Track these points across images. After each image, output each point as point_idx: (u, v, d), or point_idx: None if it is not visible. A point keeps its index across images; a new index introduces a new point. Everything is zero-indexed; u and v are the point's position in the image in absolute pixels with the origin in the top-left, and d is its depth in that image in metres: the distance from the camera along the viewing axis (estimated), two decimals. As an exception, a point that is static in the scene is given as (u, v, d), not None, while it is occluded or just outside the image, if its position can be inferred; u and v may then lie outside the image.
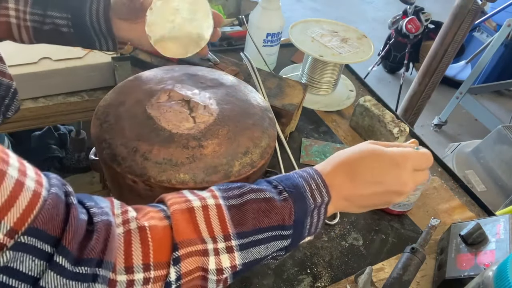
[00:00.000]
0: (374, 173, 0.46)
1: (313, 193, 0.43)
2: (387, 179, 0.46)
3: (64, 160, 1.47)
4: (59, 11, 0.58)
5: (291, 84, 0.88)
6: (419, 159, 0.49)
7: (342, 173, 0.46)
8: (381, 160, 0.46)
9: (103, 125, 0.57)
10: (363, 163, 0.46)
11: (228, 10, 1.29)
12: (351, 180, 0.45)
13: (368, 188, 0.46)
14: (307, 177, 0.45)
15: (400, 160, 0.47)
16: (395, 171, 0.46)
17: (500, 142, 1.57)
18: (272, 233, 0.41)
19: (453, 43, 1.66)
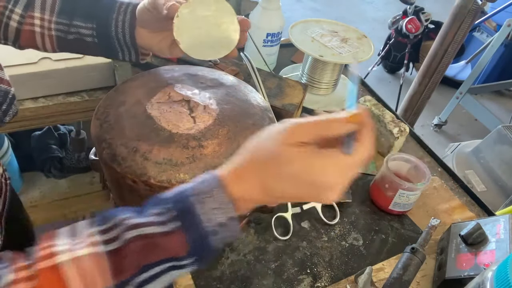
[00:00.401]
0: (286, 190, 0.39)
1: (213, 213, 0.38)
2: (305, 193, 0.40)
3: (64, 160, 1.47)
4: (84, 21, 0.58)
5: (291, 84, 0.88)
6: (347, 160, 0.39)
7: (252, 180, 0.40)
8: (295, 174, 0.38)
9: (103, 125, 0.57)
10: (274, 175, 0.39)
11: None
12: (263, 192, 0.40)
13: (275, 181, 0.40)
14: (206, 192, 0.39)
15: (319, 175, 0.38)
16: (314, 186, 0.39)
17: (500, 142, 1.57)
18: (165, 266, 0.37)
19: (453, 43, 1.66)
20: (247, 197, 0.40)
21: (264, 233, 0.71)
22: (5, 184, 0.62)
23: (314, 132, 0.39)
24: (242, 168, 0.40)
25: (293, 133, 0.39)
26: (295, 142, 0.38)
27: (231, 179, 0.40)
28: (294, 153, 0.38)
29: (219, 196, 0.39)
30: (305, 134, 0.38)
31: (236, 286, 0.63)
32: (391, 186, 0.74)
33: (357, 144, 0.39)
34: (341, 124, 0.39)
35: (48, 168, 1.47)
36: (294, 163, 0.38)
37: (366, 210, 0.79)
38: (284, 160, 0.38)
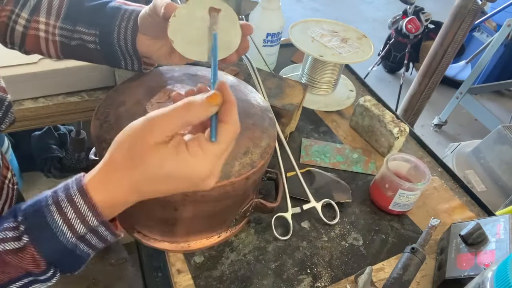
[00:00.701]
0: (160, 189, 0.39)
1: (70, 224, 0.36)
2: (181, 187, 0.39)
3: (64, 160, 1.48)
4: (87, 27, 0.58)
5: (291, 84, 0.88)
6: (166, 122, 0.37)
7: (120, 183, 0.38)
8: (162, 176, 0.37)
9: (103, 125, 0.57)
10: (145, 177, 0.38)
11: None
12: (135, 193, 0.39)
13: (160, 194, 0.40)
14: (66, 200, 0.37)
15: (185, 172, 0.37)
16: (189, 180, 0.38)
17: (500, 142, 1.57)
18: (23, 281, 0.36)
19: (453, 43, 1.66)
20: (115, 201, 0.38)
21: (264, 233, 0.71)
22: (12, 189, 0.62)
23: (175, 123, 0.37)
24: (107, 172, 0.38)
25: (152, 129, 0.37)
26: (160, 139, 0.37)
27: (94, 184, 0.38)
28: (162, 153, 0.37)
29: (79, 203, 0.37)
30: (166, 127, 0.37)
31: (236, 286, 0.63)
32: (391, 186, 0.74)
33: (221, 126, 0.39)
34: (201, 109, 0.37)
35: (48, 168, 1.47)
36: (164, 163, 0.37)
37: (366, 210, 0.79)
38: (153, 162, 0.37)
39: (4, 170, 0.60)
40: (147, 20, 0.55)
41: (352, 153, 0.90)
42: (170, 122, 0.37)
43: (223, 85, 0.39)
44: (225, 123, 0.39)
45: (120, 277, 1.40)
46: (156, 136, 0.37)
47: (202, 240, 0.65)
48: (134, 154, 0.37)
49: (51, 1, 0.58)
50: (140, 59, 0.60)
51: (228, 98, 0.39)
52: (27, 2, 0.58)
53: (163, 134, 0.37)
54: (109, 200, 0.38)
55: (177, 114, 0.37)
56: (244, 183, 0.56)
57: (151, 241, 0.64)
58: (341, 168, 0.86)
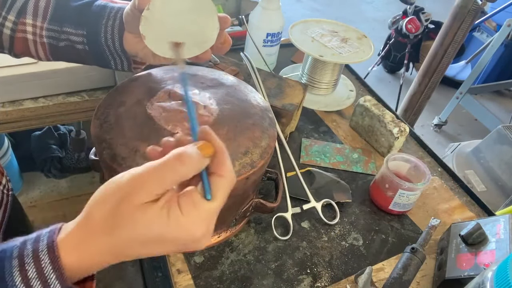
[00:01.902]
0: (145, 253, 0.35)
1: (28, 284, 0.32)
2: (170, 250, 0.35)
3: (64, 160, 1.47)
4: (74, 27, 0.57)
5: (291, 84, 0.88)
6: (149, 181, 0.33)
7: (100, 246, 0.34)
8: (106, 200, 0.34)
9: (103, 125, 0.57)
10: (129, 241, 0.33)
11: (228, 10, 1.29)
12: (114, 256, 0.35)
13: (143, 256, 0.35)
14: (31, 255, 0.32)
15: (125, 191, 0.33)
16: (179, 242, 0.34)
17: (500, 142, 1.57)
18: None
19: (453, 43, 1.66)
20: (88, 265, 0.34)
21: (264, 233, 0.71)
22: (6, 195, 0.61)
23: (166, 179, 0.33)
24: (83, 234, 0.34)
25: (141, 187, 0.32)
26: (148, 198, 0.33)
27: (67, 244, 0.33)
28: (150, 214, 0.33)
29: (44, 261, 0.32)
30: (156, 185, 0.33)
31: (236, 286, 0.63)
32: (391, 186, 0.74)
33: (215, 180, 0.35)
34: (194, 162, 0.33)
35: (48, 168, 1.47)
36: (153, 225, 0.33)
37: (366, 210, 0.79)
38: (140, 225, 0.32)
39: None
40: (130, 17, 0.54)
41: (352, 153, 0.90)
42: (160, 179, 0.33)
43: (208, 133, 0.35)
44: (220, 176, 0.35)
45: (120, 277, 1.40)
46: (145, 196, 0.32)
47: (202, 240, 0.64)
48: (118, 216, 0.33)
49: (37, 2, 0.57)
50: (129, 58, 0.59)
51: (218, 147, 0.35)
52: (14, 4, 0.56)
53: (152, 192, 0.33)
54: (81, 265, 0.34)
55: (168, 169, 0.33)
56: (244, 183, 0.56)
57: (151, 241, 0.64)
58: (341, 168, 0.86)
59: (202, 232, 0.34)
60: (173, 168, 0.33)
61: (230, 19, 0.52)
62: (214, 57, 0.89)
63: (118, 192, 0.33)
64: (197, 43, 0.51)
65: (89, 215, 0.34)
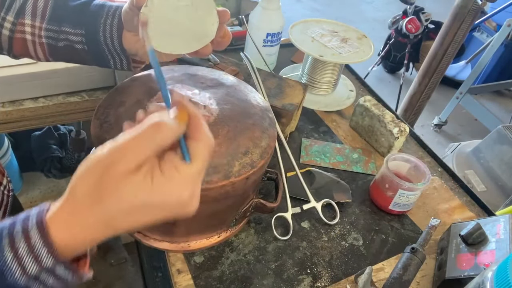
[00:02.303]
0: (137, 221, 0.35)
1: (21, 261, 0.32)
2: (159, 216, 0.35)
3: (64, 160, 1.47)
4: (73, 27, 0.56)
5: (291, 84, 0.88)
6: (130, 148, 0.33)
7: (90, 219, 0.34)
8: (90, 169, 0.34)
9: (103, 125, 0.57)
10: (119, 211, 0.34)
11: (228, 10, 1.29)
12: (108, 229, 0.35)
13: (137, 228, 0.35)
14: (22, 233, 0.33)
15: (107, 161, 0.33)
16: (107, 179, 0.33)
17: (500, 142, 1.57)
18: None
19: (453, 43, 1.66)
20: (79, 241, 0.34)
21: (264, 233, 0.71)
22: (7, 196, 0.61)
23: (146, 147, 0.33)
24: (70, 210, 0.34)
25: (122, 157, 0.33)
26: (130, 166, 0.33)
27: (56, 221, 0.34)
28: (135, 182, 0.33)
29: (34, 237, 0.33)
30: (137, 154, 0.33)
31: (236, 286, 0.63)
32: (391, 186, 0.74)
33: (192, 144, 0.35)
34: (172, 129, 0.34)
35: (48, 168, 1.47)
36: (138, 193, 0.33)
37: (366, 210, 0.79)
38: (125, 193, 0.33)
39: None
40: (128, 15, 0.53)
41: (352, 153, 0.90)
42: (139, 148, 0.33)
43: (182, 100, 0.36)
44: (196, 140, 0.35)
45: (120, 277, 1.40)
46: (126, 165, 0.33)
47: (202, 240, 0.65)
48: (102, 187, 0.33)
49: (35, 3, 0.56)
50: (128, 57, 0.59)
51: (192, 113, 0.35)
52: (12, 5, 0.56)
53: (133, 161, 0.33)
54: (72, 240, 0.34)
55: (147, 136, 0.33)
56: (244, 183, 0.56)
57: (151, 241, 0.64)
58: (341, 168, 0.86)
59: (187, 194, 0.35)
60: (151, 136, 0.33)
61: (229, 13, 0.52)
62: (214, 57, 0.89)
63: (100, 164, 0.33)
64: (197, 37, 0.51)
65: (73, 190, 0.34)
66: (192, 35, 0.52)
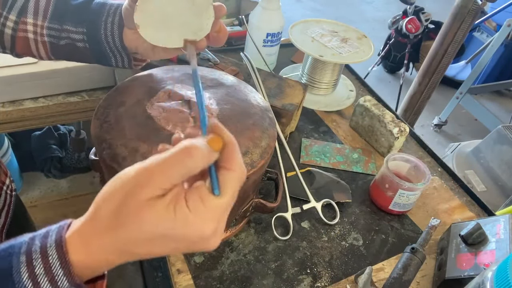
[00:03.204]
0: (153, 251, 0.34)
1: (36, 281, 0.31)
2: (179, 249, 0.34)
3: (64, 160, 1.47)
4: (75, 26, 0.57)
5: (291, 84, 0.88)
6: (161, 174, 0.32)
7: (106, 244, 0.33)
8: (113, 195, 0.33)
9: (103, 125, 0.57)
10: (136, 239, 0.32)
11: (228, 10, 1.29)
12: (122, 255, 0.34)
13: (152, 256, 0.34)
14: (39, 251, 0.32)
15: (131, 186, 0.32)
16: (189, 241, 0.33)
17: (500, 142, 1.57)
18: None
19: (453, 43, 1.66)
20: (96, 264, 0.34)
21: (264, 233, 0.71)
22: (10, 196, 0.61)
23: (175, 173, 0.32)
24: (90, 231, 0.33)
25: (149, 181, 0.31)
26: (156, 192, 0.31)
27: (75, 241, 0.33)
28: (158, 210, 0.31)
29: (52, 257, 0.32)
30: (165, 178, 0.31)
31: (236, 286, 0.63)
32: (391, 186, 0.74)
33: (224, 174, 0.33)
34: (204, 155, 0.32)
35: (48, 168, 1.47)
36: (159, 222, 0.31)
37: (366, 210, 0.79)
38: (147, 221, 0.31)
39: (2, 176, 0.59)
40: (128, 12, 0.54)
41: (352, 153, 0.90)
42: (168, 173, 0.31)
43: (218, 126, 0.34)
44: (229, 170, 0.33)
45: (120, 277, 1.40)
46: (151, 190, 0.31)
47: (202, 240, 0.64)
48: (124, 212, 0.32)
49: (37, 2, 0.57)
50: (129, 55, 0.59)
51: (227, 140, 0.34)
52: (15, 4, 0.56)
53: (159, 187, 0.31)
54: (89, 263, 0.33)
55: (176, 162, 0.31)
56: (244, 183, 0.56)
57: (151, 241, 0.64)
58: (341, 168, 0.86)
59: (211, 229, 0.33)
60: (181, 161, 0.31)
61: (225, 7, 0.52)
62: (214, 57, 0.89)
63: (124, 187, 0.32)
64: (192, 32, 0.51)
65: (96, 212, 0.33)
66: (187, 29, 0.51)
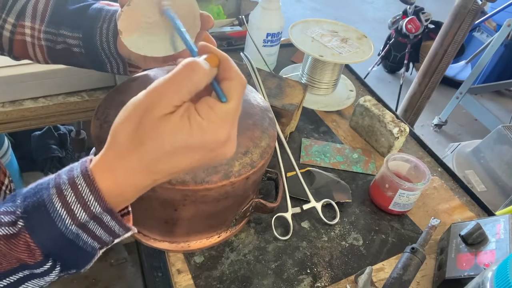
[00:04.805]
0: (177, 164, 0.36)
1: (69, 208, 0.33)
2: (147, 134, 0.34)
3: (64, 160, 1.47)
4: (71, 31, 0.57)
5: (291, 84, 0.88)
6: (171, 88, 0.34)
7: (131, 166, 0.35)
8: (126, 112, 0.35)
9: (103, 125, 0.57)
10: (119, 127, 0.35)
11: (228, 10, 1.29)
12: (149, 175, 0.36)
13: (176, 173, 0.36)
14: (67, 183, 0.34)
15: (147, 101, 0.34)
16: (146, 121, 0.34)
17: (500, 142, 1.57)
18: (18, 275, 0.33)
19: (453, 43, 1.66)
20: (124, 189, 0.35)
21: (264, 233, 0.71)
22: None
23: (182, 89, 0.34)
24: (114, 158, 0.35)
25: (160, 100, 0.34)
26: (168, 109, 0.34)
27: (100, 170, 0.35)
28: (173, 123, 0.34)
29: (81, 186, 0.34)
30: (173, 96, 0.34)
31: (236, 286, 0.63)
32: (391, 186, 0.74)
33: (226, 83, 0.36)
34: (206, 71, 0.35)
35: (48, 168, 1.47)
36: (177, 133, 0.34)
37: (366, 210, 0.79)
38: (165, 135, 0.34)
39: (1, 175, 0.59)
40: None
41: (352, 153, 0.90)
42: (176, 89, 0.34)
43: (208, 46, 0.36)
44: (229, 79, 0.36)
45: (120, 277, 1.40)
46: (164, 107, 0.33)
47: (202, 240, 0.65)
48: (142, 131, 0.34)
49: (36, 5, 0.57)
50: (124, 61, 0.59)
51: (221, 55, 0.36)
52: (13, 6, 0.57)
53: (171, 103, 0.34)
54: (117, 188, 0.35)
55: (182, 78, 0.34)
56: (244, 183, 0.56)
57: (151, 241, 0.64)
58: (341, 168, 0.86)
59: (225, 133, 0.35)
60: (187, 77, 0.34)
61: (213, 19, 0.52)
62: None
63: (137, 109, 0.34)
64: (174, 41, 0.51)
65: (114, 139, 0.35)
66: (170, 39, 0.51)
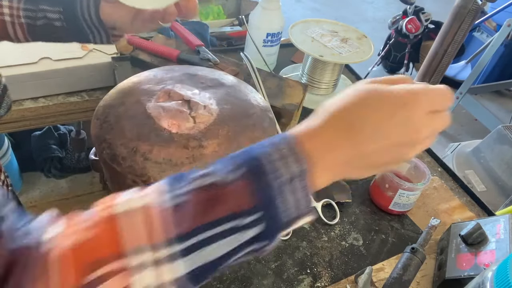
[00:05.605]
0: (376, 122, 0.36)
1: (281, 162, 0.34)
2: (394, 127, 0.36)
3: (64, 160, 1.47)
4: (51, 5, 0.57)
5: (291, 84, 0.88)
6: (435, 95, 0.38)
7: (333, 130, 0.36)
8: (383, 102, 0.36)
9: (103, 125, 0.57)
10: (360, 111, 0.36)
11: (228, 10, 1.29)
12: (347, 138, 0.36)
13: (370, 143, 0.36)
14: (276, 143, 0.35)
15: (408, 99, 0.36)
16: (403, 115, 0.36)
17: (500, 142, 1.57)
18: (225, 226, 0.33)
19: (453, 43, 1.66)
20: (326, 151, 0.36)
21: (264, 233, 0.71)
22: (6, 191, 0.61)
23: (432, 104, 0.38)
24: (317, 125, 0.36)
25: (413, 102, 0.37)
26: (424, 111, 0.37)
27: (308, 132, 0.36)
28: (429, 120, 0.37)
29: (289, 143, 0.35)
30: (425, 105, 0.37)
31: (236, 286, 0.63)
32: (391, 186, 0.74)
33: None
34: (448, 104, 0.40)
35: (48, 168, 1.47)
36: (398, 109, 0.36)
37: (366, 210, 0.79)
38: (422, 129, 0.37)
39: None
40: None
41: (352, 153, 0.90)
42: (432, 100, 0.38)
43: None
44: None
45: (120, 277, 1.39)
46: (422, 109, 0.37)
47: (202, 240, 0.64)
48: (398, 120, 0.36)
49: None
50: (107, 30, 0.59)
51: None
52: None
53: (425, 109, 0.37)
54: (316, 153, 0.35)
55: (441, 93, 0.39)
56: (244, 183, 0.56)
57: (151, 241, 0.64)
58: (341, 168, 0.86)
59: (425, 135, 0.38)
60: (444, 96, 0.39)
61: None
62: (214, 57, 0.89)
63: (393, 101, 0.36)
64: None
65: (352, 121, 0.36)
66: None
